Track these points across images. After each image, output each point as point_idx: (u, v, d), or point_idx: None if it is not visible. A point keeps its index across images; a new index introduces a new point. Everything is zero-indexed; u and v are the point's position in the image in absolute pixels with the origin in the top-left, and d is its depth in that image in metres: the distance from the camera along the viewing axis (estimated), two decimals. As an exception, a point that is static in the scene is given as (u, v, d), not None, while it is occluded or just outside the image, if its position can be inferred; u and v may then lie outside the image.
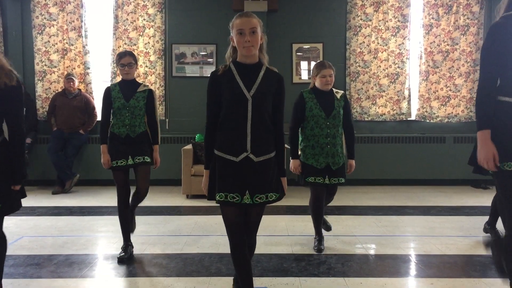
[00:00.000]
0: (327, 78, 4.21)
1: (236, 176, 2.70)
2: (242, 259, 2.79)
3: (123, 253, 4.13)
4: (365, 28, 8.03)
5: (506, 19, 2.49)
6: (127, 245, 4.20)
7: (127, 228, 4.23)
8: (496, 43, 2.47)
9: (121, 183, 4.18)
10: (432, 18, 8.00)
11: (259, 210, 2.82)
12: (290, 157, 4.33)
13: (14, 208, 2.87)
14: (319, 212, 4.39)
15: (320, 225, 4.46)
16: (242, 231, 2.79)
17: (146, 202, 4.34)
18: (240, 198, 2.70)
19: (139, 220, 5.42)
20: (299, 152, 4.32)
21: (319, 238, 4.44)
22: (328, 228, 4.67)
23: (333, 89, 4.33)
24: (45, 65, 8.02)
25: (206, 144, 2.80)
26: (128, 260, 4.09)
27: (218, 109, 2.74)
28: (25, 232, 5.03)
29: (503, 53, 2.46)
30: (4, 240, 2.91)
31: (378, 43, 8.02)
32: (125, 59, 4.16)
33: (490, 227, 4.65)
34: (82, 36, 7.98)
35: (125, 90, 4.20)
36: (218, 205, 2.77)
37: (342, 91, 4.41)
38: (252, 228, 2.87)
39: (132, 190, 4.30)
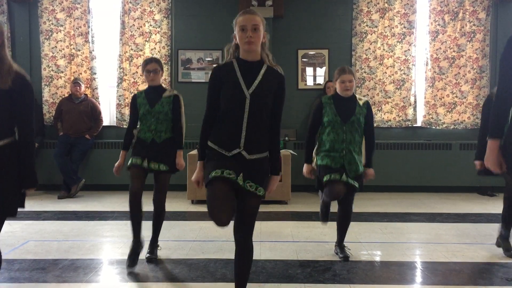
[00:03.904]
0: (346, 83, 4.11)
1: (229, 163, 2.68)
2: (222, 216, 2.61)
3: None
4: (371, 34, 8.04)
5: None
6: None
7: (139, 226, 4.17)
8: None
9: (135, 175, 4.09)
10: (438, 24, 8.00)
11: (253, 203, 2.75)
12: (304, 162, 4.31)
13: (8, 212, 2.69)
14: (326, 206, 4.38)
15: (326, 215, 4.46)
16: (228, 211, 2.62)
17: (151, 207, 4.33)
18: (235, 176, 2.66)
19: (144, 224, 5.43)
20: (315, 158, 4.25)
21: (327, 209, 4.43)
22: (346, 258, 4.27)
23: (356, 95, 4.25)
24: (52, 70, 8.07)
25: (202, 136, 2.81)
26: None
27: (217, 103, 2.76)
28: (30, 236, 5.05)
29: None
30: None
31: (384, 49, 8.03)
32: (150, 65, 4.20)
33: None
34: (89, 42, 8.03)
35: (151, 96, 4.24)
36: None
37: (366, 99, 4.32)
38: (248, 221, 2.76)
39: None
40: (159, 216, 4.30)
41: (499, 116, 2.56)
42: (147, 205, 4.32)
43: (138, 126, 4.30)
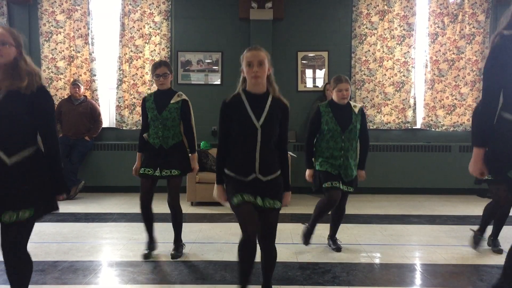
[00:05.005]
0: (343, 92, 4.33)
1: (248, 187, 2.97)
2: (251, 252, 2.93)
3: (146, 250, 4.39)
4: (371, 36, 8.05)
5: (505, 41, 2.54)
6: (151, 242, 4.45)
7: (150, 227, 4.43)
8: (497, 64, 2.55)
9: (144, 190, 4.33)
10: (438, 27, 8.01)
11: (273, 216, 3.03)
12: (306, 167, 4.48)
13: (47, 209, 3.04)
14: (324, 212, 4.47)
15: (317, 222, 4.56)
16: (256, 224, 2.91)
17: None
18: (254, 199, 2.96)
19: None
20: (314, 164, 4.43)
21: (311, 230, 4.58)
22: (338, 249, 4.58)
23: (351, 102, 4.44)
24: (52, 72, 8.08)
25: (218, 164, 3.07)
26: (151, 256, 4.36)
27: (229, 134, 3.01)
28: (30, 238, 5.03)
29: (504, 73, 2.54)
30: (30, 261, 2.89)
31: (383, 51, 8.03)
32: (160, 70, 4.23)
33: (493, 237, 4.65)
34: (88, 44, 8.04)
35: (159, 101, 4.28)
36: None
37: (360, 105, 4.52)
38: (269, 232, 3.07)
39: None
40: (176, 218, 4.44)
41: (483, 126, 2.62)
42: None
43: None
